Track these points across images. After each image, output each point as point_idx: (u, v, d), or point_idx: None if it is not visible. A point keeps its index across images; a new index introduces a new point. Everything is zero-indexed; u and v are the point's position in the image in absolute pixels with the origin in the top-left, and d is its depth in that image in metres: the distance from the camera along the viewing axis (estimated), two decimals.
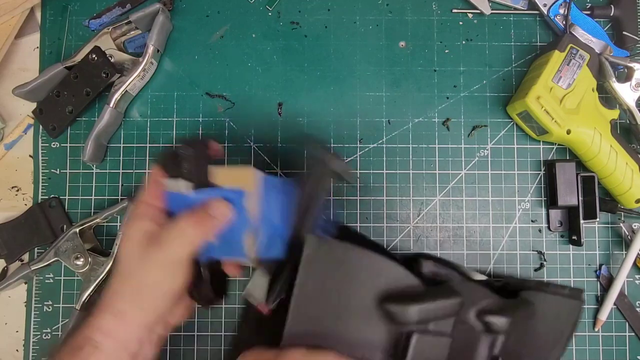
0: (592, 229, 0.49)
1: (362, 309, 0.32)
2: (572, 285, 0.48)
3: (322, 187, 0.36)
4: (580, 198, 0.47)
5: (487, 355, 0.37)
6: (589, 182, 0.47)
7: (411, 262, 0.40)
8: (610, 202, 0.48)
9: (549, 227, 0.49)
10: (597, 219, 0.47)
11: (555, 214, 0.49)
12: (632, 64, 0.46)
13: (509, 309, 0.38)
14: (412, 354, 0.32)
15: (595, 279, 0.48)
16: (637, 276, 0.48)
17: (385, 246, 0.48)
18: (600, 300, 0.48)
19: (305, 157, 0.41)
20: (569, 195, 0.47)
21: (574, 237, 0.48)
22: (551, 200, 0.48)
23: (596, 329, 0.48)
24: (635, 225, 0.49)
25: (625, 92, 0.47)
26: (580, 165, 0.48)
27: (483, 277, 0.43)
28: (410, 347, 0.32)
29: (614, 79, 0.46)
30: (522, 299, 0.41)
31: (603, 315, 0.47)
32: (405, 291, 0.33)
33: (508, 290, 0.42)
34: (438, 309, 0.33)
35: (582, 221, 0.47)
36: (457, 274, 0.40)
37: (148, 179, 0.38)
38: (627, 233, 0.48)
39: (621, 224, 0.48)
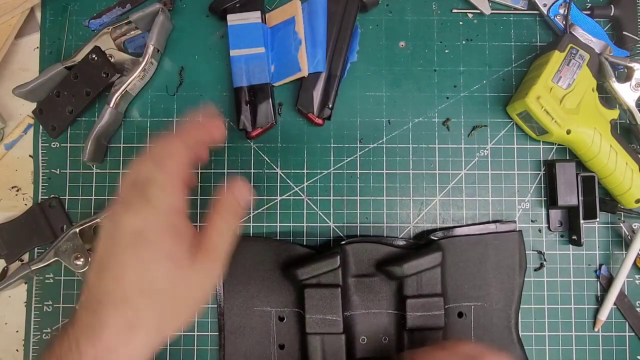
0: (592, 229, 0.49)
1: (275, 279, 0.46)
2: (573, 284, 0.48)
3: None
4: (580, 198, 0.47)
5: (394, 296, 0.44)
6: (589, 182, 0.47)
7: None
8: (610, 202, 0.48)
9: (549, 227, 0.49)
10: (597, 219, 0.47)
11: (555, 214, 0.49)
12: (632, 64, 0.46)
13: (408, 257, 0.44)
14: (308, 301, 0.43)
15: (595, 279, 0.48)
16: (637, 276, 0.48)
17: None
18: (600, 300, 0.48)
19: None
20: (569, 195, 0.47)
21: (574, 237, 0.48)
22: (551, 200, 0.48)
23: (596, 329, 0.48)
24: (635, 225, 0.49)
25: (625, 92, 0.47)
26: (580, 165, 0.48)
27: (402, 242, 0.46)
28: (306, 296, 0.43)
29: (614, 79, 0.46)
30: (432, 247, 0.45)
31: (603, 315, 0.47)
32: (300, 258, 0.45)
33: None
34: (319, 266, 0.43)
35: (582, 221, 0.47)
36: (373, 244, 0.46)
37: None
38: (627, 233, 0.48)
39: (621, 224, 0.48)
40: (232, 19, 0.47)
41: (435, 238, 0.46)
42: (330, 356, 0.43)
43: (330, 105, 0.47)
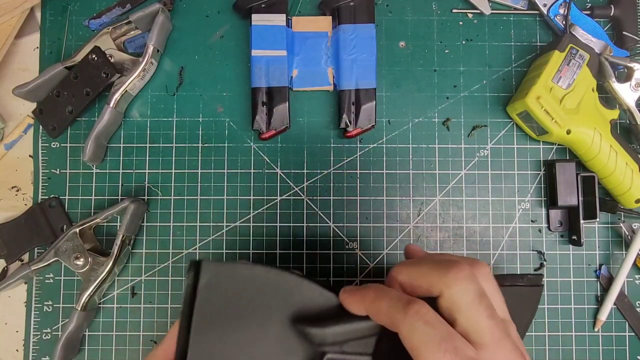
0: (592, 229, 0.49)
1: (275, 330, 0.29)
2: (573, 284, 0.48)
3: None
4: (580, 198, 0.47)
5: None
6: (589, 182, 0.47)
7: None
8: (610, 202, 0.48)
9: (549, 227, 0.49)
10: (597, 219, 0.47)
11: (555, 214, 0.49)
12: (632, 64, 0.46)
13: None
14: None
15: (595, 279, 0.48)
16: (637, 276, 0.49)
17: (385, 246, 0.48)
18: (600, 300, 0.48)
19: None
20: (569, 195, 0.47)
21: (574, 237, 0.48)
22: (551, 201, 0.48)
23: (596, 329, 0.48)
24: (635, 225, 0.49)
25: (625, 92, 0.47)
26: (580, 165, 0.48)
27: None
28: None
29: (613, 79, 0.46)
30: None
31: (603, 315, 0.47)
32: (321, 310, 0.30)
33: None
34: (355, 330, 0.29)
35: (582, 221, 0.47)
36: None
37: None
38: (627, 233, 0.48)
39: (621, 224, 0.48)
40: (257, 19, 0.47)
41: None
42: None
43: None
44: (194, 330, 0.28)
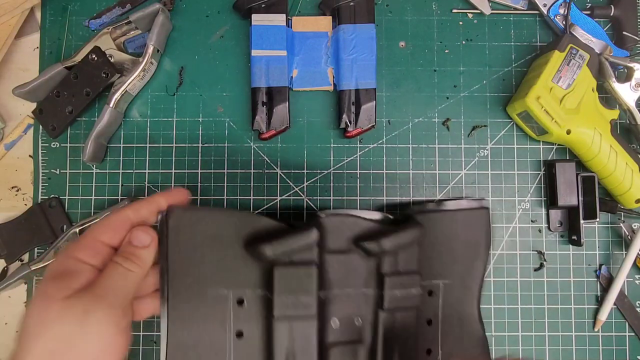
0: (592, 229, 0.49)
1: (233, 252, 0.39)
2: (573, 284, 0.48)
3: None
4: (580, 198, 0.47)
5: (370, 274, 0.41)
6: (588, 182, 0.47)
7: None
8: (610, 202, 0.48)
9: (549, 227, 0.49)
10: (597, 219, 0.47)
11: (555, 214, 0.49)
12: (632, 64, 0.46)
13: (386, 232, 0.41)
14: (277, 283, 0.38)
15: (595, 279, 0.48)
16: (637, 276, 0.49)
17: None
18: (600, 300, 0.48)
19: None
20: (569, 195, 0.47)
21: (574, 237, 0.48)
22: (551, 201, 0.48)
23: (596, 329, 0.48)
24: (635, 225, 0.49)
25: (625, 92, 0.47)
26: (580, 165, 0.48)
27: (378, 215, 0.44)
28: (275, 277, 0.38)
29: (613, 79, 0.46)
30: (410, 222, 0.43)
31: (603, 316, 0.47)
32: (272, 234, 0.39)
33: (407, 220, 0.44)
34: (293, 242, 0.38)
35: (582, 221, 0.47)
36: (351, 217, 0.42)
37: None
38: (627, 233, 0.48)
39: (621, 224, 0.48)
40: (257, 19, 0.47)
41: (411, 213, 0.44)
42: (298, 344, 0.39)
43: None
44: (170, 260, 0.37)
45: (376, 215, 0.43)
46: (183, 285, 0.37)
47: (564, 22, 0.49)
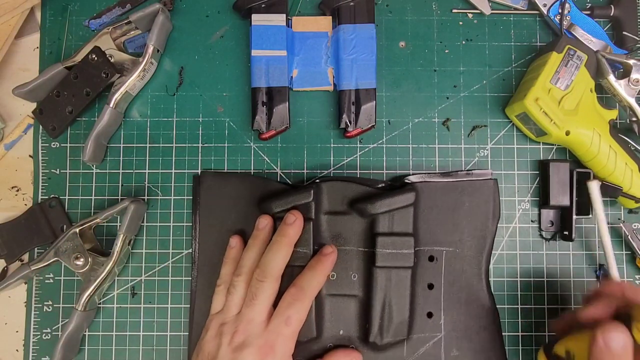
0: (592, 229, 0.49)
1: (252, 213, 0.45)
2: (573, 284, 0.48)
3: None
4: (574, 198, 0.47)
5: (365, 234, 0.44)
6: (584, 180, 0.46)
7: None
8: (612, 187, 0.47)
9: (539, 227, 0.49)
10: (590, 216, 0.46)
11: (547, 214, 0.49)
12: (629, 61, 0.46)
13: (381, 195, 0.44)
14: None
15: (595, 279, 0.48)
16: (637, 276, 0.49)
17: None
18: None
19: None
20: (561, 195, 0.47)
21: (566, 233, 0.47)
22: (543, 200, 0.48)
23: None
24: (635, 226, 0.49)
25: (623, 88, 0.46)
26: (577, 165, 0.48)
27: (376, 183, 0.47)
28: (277, 227, 0.43)
29: (611, 76, 0.46)
30: (405, 187, 0.45)
31: None
32: (275, 194, 0.45)
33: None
34: (292, 200, 0.43)
35: (574, 216, 0.47)
36: (348, 183, 0.46)
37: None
38: (627, 233, 0.48)
39: (621, 224, 0.48)
40: (257, 19, 0.47)
41: (410, 181, 0.46)
42: None
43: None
44: (201, 214, 0.47)
45: (375, 183, 0.47)
46: (210, 238, 0.46)
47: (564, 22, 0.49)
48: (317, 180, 0.46)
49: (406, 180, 0.46)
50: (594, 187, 0.45)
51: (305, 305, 0.40)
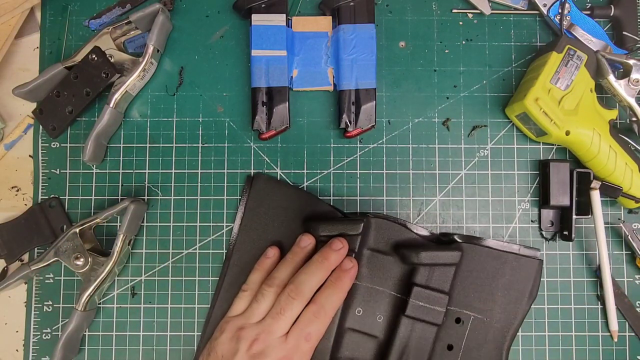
0: (592, 229, 0.49)
1: (293, 226, 0.46)
2: (573, 284, 0.48)
3: None
4: (574, 198, 0.47)
5: (402, 280, 0.44)
6: (584, 180, 0.47)
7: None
8: (612, 187, 0.46)
9: (539, 227, 0.49)
10: (590, 216, 0.46)
11: (547, 214, 0.49)
12: (629, 61, 0.46)
13: (427, 247, 0.45)
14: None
15: (595, 279, 0.48)
16: (637, 276, 0.49)
17: None
18: (601, 301, 0.48)
19: None
20: (561, 195, 0.47)
21: (565, 232, 0.47)
22: (543, 200, 0.48)
23: (615, 340, 0.47)
24: (635, 226, 0.49)
25: (623, 88, 0.46)
26: (577, 165, 0.48)
27: (425, 232, 0.47)
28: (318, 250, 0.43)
29: (611, 76, 0.46)
30: (453, 245, 0.45)
31: (614, 325, 0.47)
32: (323, 216, 0.46)
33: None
34: (342, 227, 0.43)
35: (574, 216, 0.47)
36: (398, 225, 0.46)
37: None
38: (627, 233, 0.48)
39: (621, 224, 0.48)
40: (257, 19, 0.47)
41: (459, 240, 0.45)
42: None
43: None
44: (246, 216, 0.47)
45: (423, 231, 0.47)
46: (248, 239, 0.47)
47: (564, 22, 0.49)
48: (369, 214, 0.46)
49: (456, 239, 0.45)
50: (595, 197, 0.46)
51: (325, 322, 0.40)
